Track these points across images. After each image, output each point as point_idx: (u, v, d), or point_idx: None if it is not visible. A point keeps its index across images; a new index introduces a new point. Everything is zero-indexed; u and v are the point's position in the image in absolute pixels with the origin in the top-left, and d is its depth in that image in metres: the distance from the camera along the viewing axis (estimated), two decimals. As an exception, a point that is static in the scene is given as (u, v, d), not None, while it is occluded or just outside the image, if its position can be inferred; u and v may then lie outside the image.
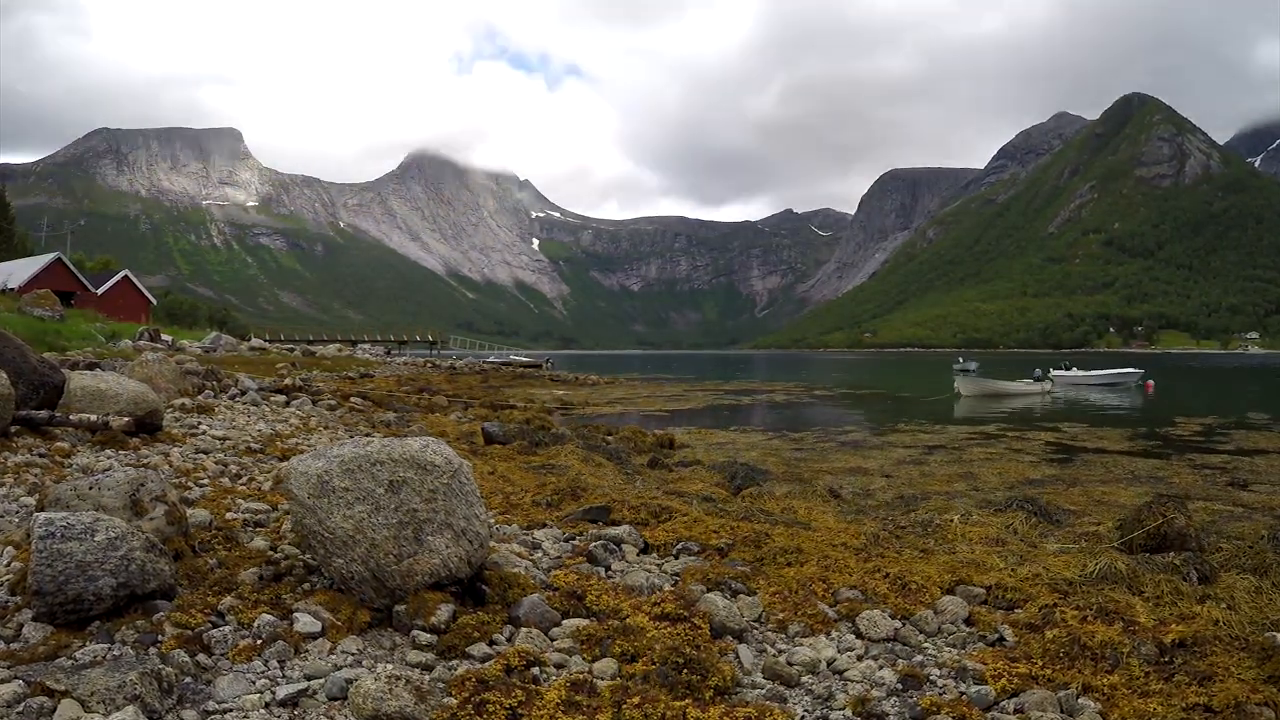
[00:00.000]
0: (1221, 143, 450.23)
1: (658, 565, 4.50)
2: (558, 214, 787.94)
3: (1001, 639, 3.50)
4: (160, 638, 3.00)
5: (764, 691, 2.99)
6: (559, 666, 3.05)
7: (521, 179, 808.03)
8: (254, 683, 2.77)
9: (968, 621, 3.71)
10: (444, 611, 3.30)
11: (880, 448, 13.52)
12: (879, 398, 29.87)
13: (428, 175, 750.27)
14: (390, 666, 2.90)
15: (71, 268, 46.91)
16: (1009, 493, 9.03)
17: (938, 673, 3.20)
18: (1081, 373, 36.24)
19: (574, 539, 4.97)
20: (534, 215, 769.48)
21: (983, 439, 15.10)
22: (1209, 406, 24.61)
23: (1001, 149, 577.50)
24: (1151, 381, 35.60)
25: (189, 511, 4.35)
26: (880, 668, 3.22)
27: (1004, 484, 9.75)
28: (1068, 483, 9.90)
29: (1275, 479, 10.35)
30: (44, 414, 6.47)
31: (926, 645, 3.51)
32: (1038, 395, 28.23)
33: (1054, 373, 34.87)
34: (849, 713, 2.84)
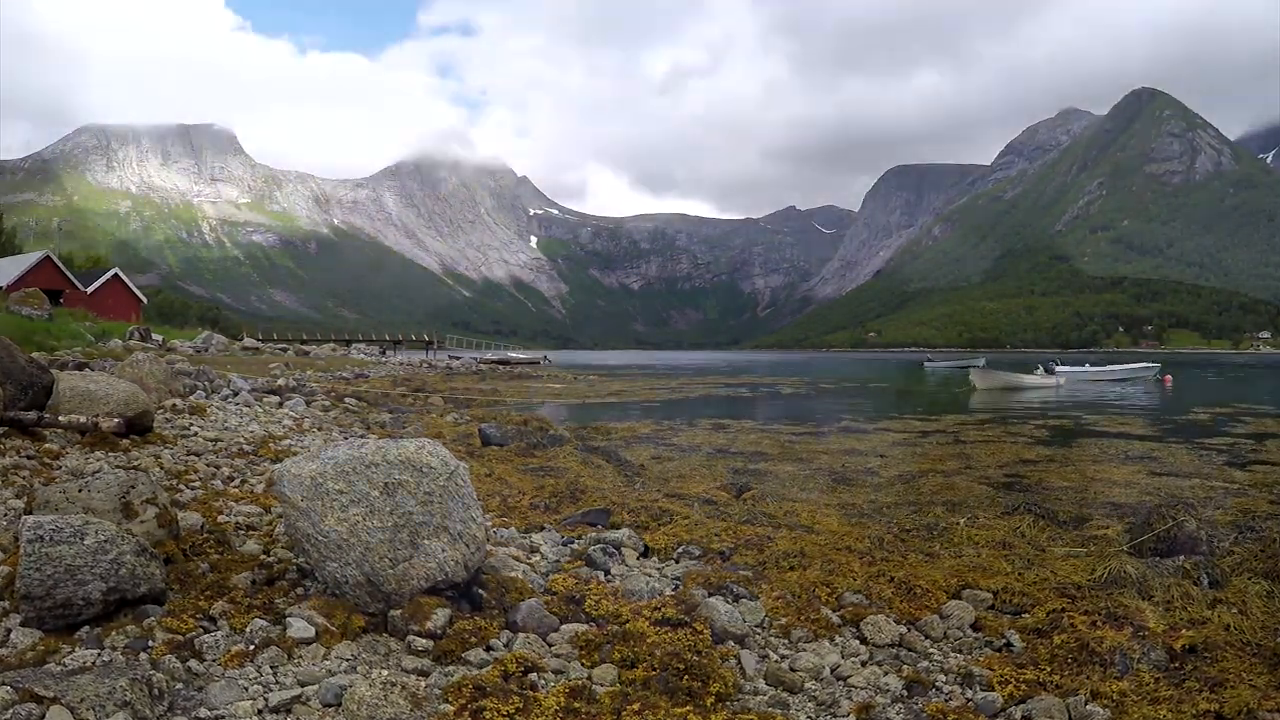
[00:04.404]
0: (1233, 139, 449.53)
1: (658, 569, 4.45)
2: (556, 211, 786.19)
3: (1009, 644, 3.46)
4: (151, 643, 2.96)
5: (766, 698, 2.94)
6: (557, 673, 3.00)
7: (519, 175, 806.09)
8: (246, 689, 2.72)
9: (974, 626, 3.66)
10: (440, 616, 3.24)
11: (875, 432, 13.56)
12: (881, 391, 29.97)
13: (423, 171, 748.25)
14: (385, 673, 2.84)
15: (60, 266, 46.62)
16: (1002, 471, 9.05)
17: (943, 679, 3.16)
18: (1094, 368, 36.29)
19: (573, 542, 4.92)
20: (532, 212, 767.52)
21: (978, 424, 15.13)
22: (1231, 399, 24.30)
23: (1009, 145, 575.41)
24: (1170, 376, 34.96)
25: (180, 514, 4.28)
26: (885, 674, 3.18)
27: (997, 464, 9.72)
28: (1061, 462, 9.90)
29: (1274, 459, 10.30)
30: (32, 415, 6.38)
31: (932, 651, 3.46)
32: (1050, 390, 28.30)
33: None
34: (853, 719, 2.80)
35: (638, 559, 4.67)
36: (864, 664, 3.30)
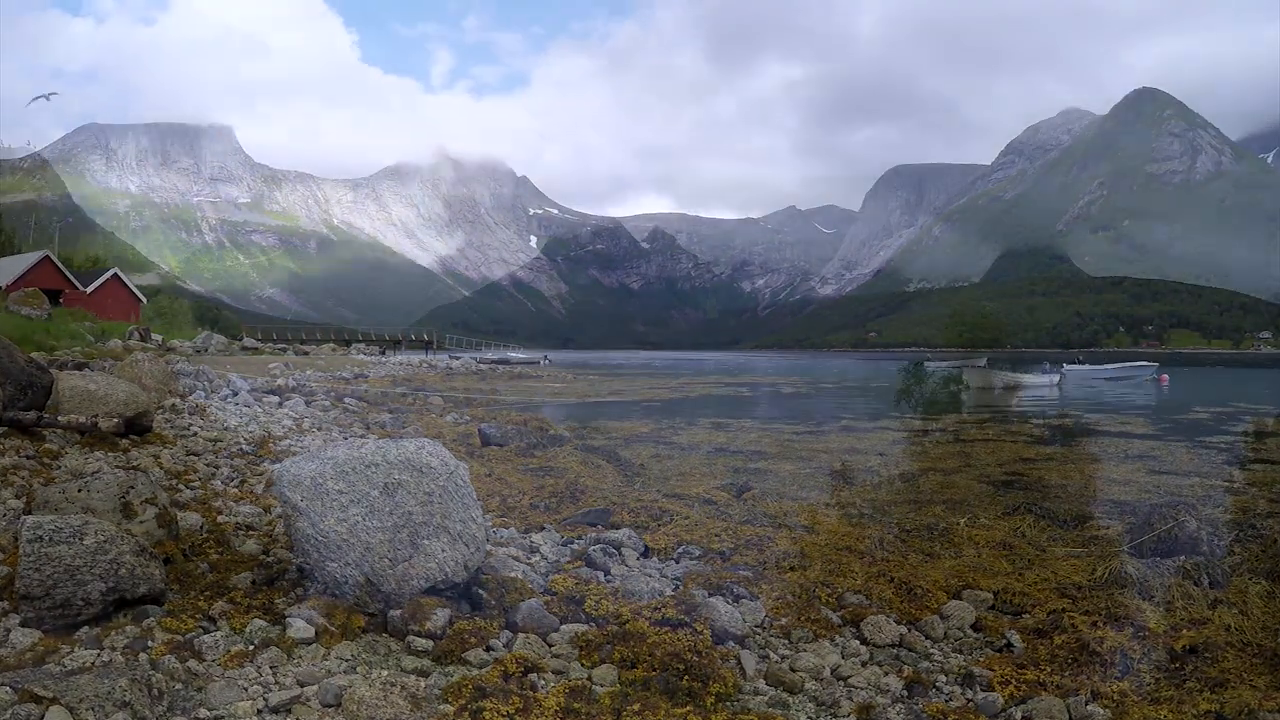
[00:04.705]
0: (1234, 139, 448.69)
1: (658, 569, 4.45)
2: (556, 210, 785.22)
3: (1009, 644, 3.46)
4: (150, 643, 2.95)
5: (766, 698, 2.94)
6: (558, 673, 3.00)
7: (519, 175, 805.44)
8: (246, 689, 2.72)
9: (975, 627, 3.66)
10: (440, 617, 3.24)
11: (875, 431, 13.57)
12: (881, 391, 29.97)
13: (423, 171, 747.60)
14: (385, 673, 2.84)
15: (59, 266, 46.48)
16: (1002, 470, 9.06)
17: (944, 679, 3.16)
18: (1091, 366, 36.41)
19: (573, 543, 4.92)
20: (532, 212, 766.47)
21: (978, 424, 15.15)
22: (1231, 398, 24.24)
23: (1010, 144, 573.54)
24: (1166, 375, 34.86)
25: (179, 514, 4.28)
26: (885, 674, 3.17)
27: (998, 462, 9.72)
28: (1061, 462, 9.93)
29: (1274, 458, 10.30)
30: (32, 415, 6.37)
31: (933, 651, 3.46)
32: (1046, 388, 28.32)
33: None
34: (854, 720, 2.79)
35: (638, 559, 4.67)
36: (864, 664, 3.30)
